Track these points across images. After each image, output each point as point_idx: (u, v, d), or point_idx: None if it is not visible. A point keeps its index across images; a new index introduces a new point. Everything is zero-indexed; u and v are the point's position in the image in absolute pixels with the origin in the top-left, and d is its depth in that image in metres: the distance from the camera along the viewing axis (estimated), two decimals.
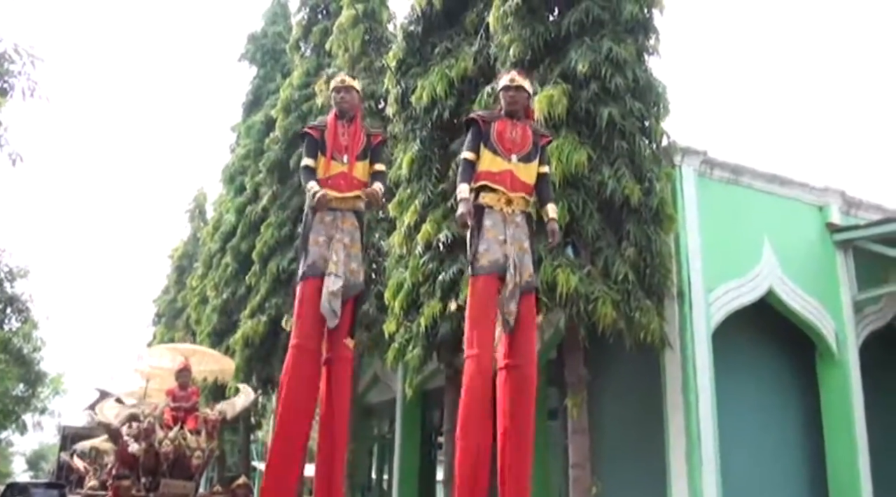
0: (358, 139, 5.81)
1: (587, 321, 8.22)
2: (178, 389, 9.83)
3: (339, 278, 5.45)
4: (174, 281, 32.03)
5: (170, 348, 12.30)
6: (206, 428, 9.30)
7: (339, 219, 5.65)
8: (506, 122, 5.37)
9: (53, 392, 34.97)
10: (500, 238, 5.12)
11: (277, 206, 17.69)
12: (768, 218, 11.21)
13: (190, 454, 9.03)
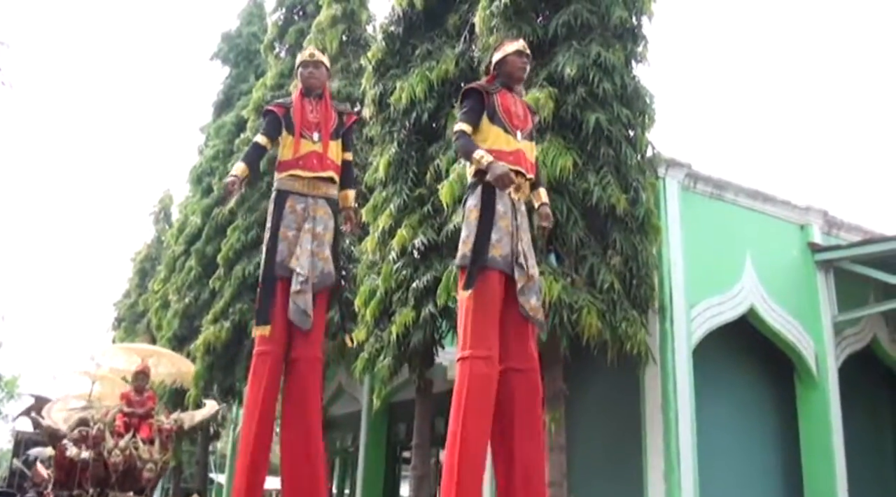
0: (329, 117, 5.39)
1: (571, 331, 7.87)
2: (134, 393, 9.29)
3: (302, 275, 5.01)
4: (136, 284, 31.27)
5: (126, 348, 11.68)
6: (160, 438, 8.78)
7: (311, 207, 5.22)
8: (506, 94, 4.85)
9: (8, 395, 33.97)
10: (510, 229, 4.62)
11: (245, 210, 17.19)
12: (750, 235, 11.00)
13: (141, 466, 8.50)
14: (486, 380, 4.36)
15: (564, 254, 8.12)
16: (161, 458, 8.74)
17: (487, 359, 4.37)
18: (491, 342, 4.41)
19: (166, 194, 32.39)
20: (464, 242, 4.60)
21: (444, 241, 10.22)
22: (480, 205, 4.58)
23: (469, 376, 4.36)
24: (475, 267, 4.47)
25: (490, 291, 4.46)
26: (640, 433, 9.56)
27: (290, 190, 5.21)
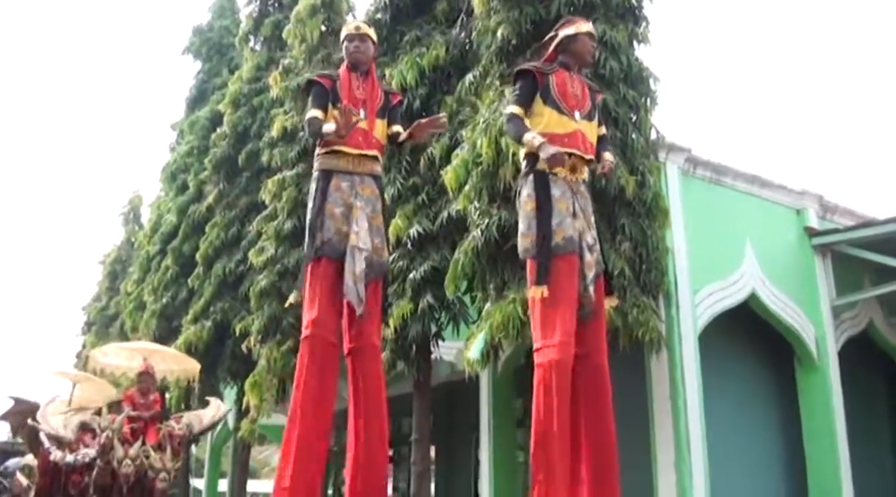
0: (376, 95, 5.08)
1: None
2: (139, 396, 8.83)
3: (363, 254, 4.74)
4: (106, 287, 30.54)
5: (126, 347, 11.13)
6: (171, 444, 8.34)
7: (358, 185, 4.91)
8: (563, 74, 4.64)
9: None
10: (571, 211, 4.42)
11: (224, 206, 16.80)
12: (749, 220, 10.87)
13: (154, 475, 8.05)
14: (560, 367, 4.21)
15: None
16: (173, 467, 8.31)
17: (561, 346, 4.22)
18: (566, 328, 4.24)
19: (136, 195, 31.67)
20: (524, 235, 4.46)
21: (439, 231, 9.96)
22: (535, 193, 4.40)
23: (545, 366, 4.22)
24: (542, 258, 4.30)
25: (561, 279, 4.29)
26: (648, 422, 9.36)
27: (335, 168, 4.91)
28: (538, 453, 4.15)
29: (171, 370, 10.43)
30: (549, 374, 4.17)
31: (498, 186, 7.88)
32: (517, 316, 7.42)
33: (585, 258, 4.40)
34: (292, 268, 13.18)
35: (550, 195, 4.37)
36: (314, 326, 4.70)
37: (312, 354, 4.70)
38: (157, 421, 8.70)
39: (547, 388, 4.16)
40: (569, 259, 4.32)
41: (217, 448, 24.23)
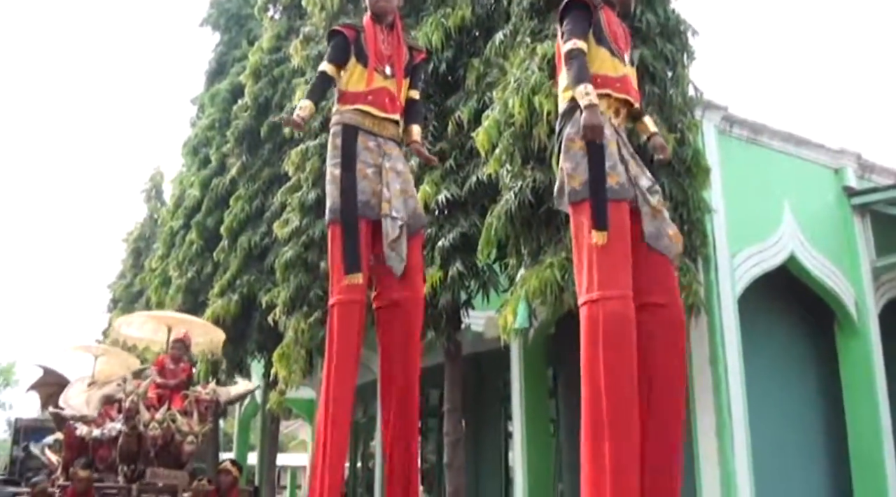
0: (402, 50, 4.85)
1: None
2: (170, 362, 8.73)
3: (398, 220, 4.58)
4: (130, 265, 30.66)
5: (152, 316, 10.92)
6: (198, 409, 8.24)
7: (384, 145, 4.75)
8: (610, 13, 4.31)
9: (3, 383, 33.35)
10: (620, 155, 4.11)
11: (247, 178, 16.65)
12: (786, 180, 10.55)
13: (181, 439, 7.96)
14: (625, 320, 3.87)
15: None
16: (201, 431, 8.24)
17: (622, 298, 3.89)
18: (624, 281, 3.92)
19: (157, 171, 31.67)
20: (571, 176, 4.09)
21: (468, 196, 9.71)
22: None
23: (604, 319, 3.87)
24: (599, 199, 3.95)
25: (617, 224, 3.96)
26: (688, 388, 9.13)
27: (360, 126, 4.71)
28: (596, 416, 3.84)
29: (196, 343, 10.23)
30: (612, 327, 3.84)
31: (531, 147, 7.62)
32: (555, 280, 7.19)
33: (650, 202, 4.13)
34: (317, 239, 13.02)
35: (603, 136, 4.05)
36: (350, 291, 4.53)
37: (350, 319, 4.54)
38: (182, 389, 8.62)
39: (609, 344, 3.83)
40: (623, 206, 4.03)
41: (245, 422, 24.32)
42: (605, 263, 3.91)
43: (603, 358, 3.84)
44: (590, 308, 3.94)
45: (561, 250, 7.39)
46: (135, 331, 10.32)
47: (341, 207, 4.59)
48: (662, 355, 4.04)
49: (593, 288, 3.92)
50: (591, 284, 3.94)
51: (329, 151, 4.78)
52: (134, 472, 8.02)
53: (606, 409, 3.78)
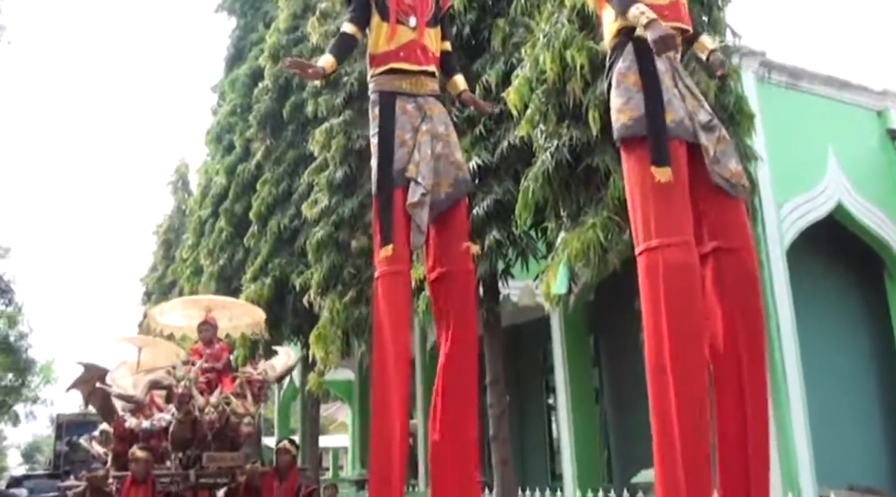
0: (426, 1, 4.60)
1: None
2: (204, 347, 8.57)
3: (421, 185, 4.34)
4: (161, 257, 30.72)
5: (189, 301, 10.59)
6: (250, 390, 8.08)
7: (424, 105, 4.52)
8: None
9: (44, 380, 33.71)
10: (677, 90, 3.81)
11: (272, 161, 16.43)
12: (829, 126, 10.20)
13: (238, 421, 7.81)
14: (688, 269, 3.57)
15: None
16: (256, 411, 8.12)
17: (683, 245, 3.59)
18: (684, 226, 3.62)
19: (182, 163, 31.64)
20: (621, 110, 3.79)
21: (500, 162, 9.42)
22: (637, 65, 3.77)
23: (664, 268, 3.57)
24: (658, 134, 3.64)
25: (676, 165, 3.65)
26: None
27: (396, 90, 4.50)
28: (659, 376, 3.55)
29: (235, 327, 10.00)
30: (673, 277, 3.55)
31: (566, 103, 7.32)
32: (598, 242, 6.91)
33: (709, 136, 3.82)
34: (347, 217, 12.83)
35: (656, 68, 3.77)
36: (391, 262, 4.35)
37: (392, 292, 4.35)
38: (228, 371, 8.46)
39: (672, 295, 3.54)
40: (680, 145, 3.73)
41: (285, 406, 24.34)
42: (663, 207, 3.62)
43: (665, 311, 3.55)
44: (648, 257, 3.65)
45: (603, 209, 7.11)
46: (172, 319, 10.02)
47: (378, 178, 4.46)
48: (735, 306, 3.74)
49: (651, 235, 3.63)
50: (649, 232, 3.65)
51: (370, 122, 4.62)
52: (189, 458, 7.91)
53: (671, 367, 3.50)
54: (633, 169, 3.78)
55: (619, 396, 11.93)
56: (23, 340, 27.00)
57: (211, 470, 7.80)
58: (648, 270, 3.65)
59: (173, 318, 9.99)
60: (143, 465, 7.65)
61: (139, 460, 7.66)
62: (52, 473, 26.01)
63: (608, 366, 12.24)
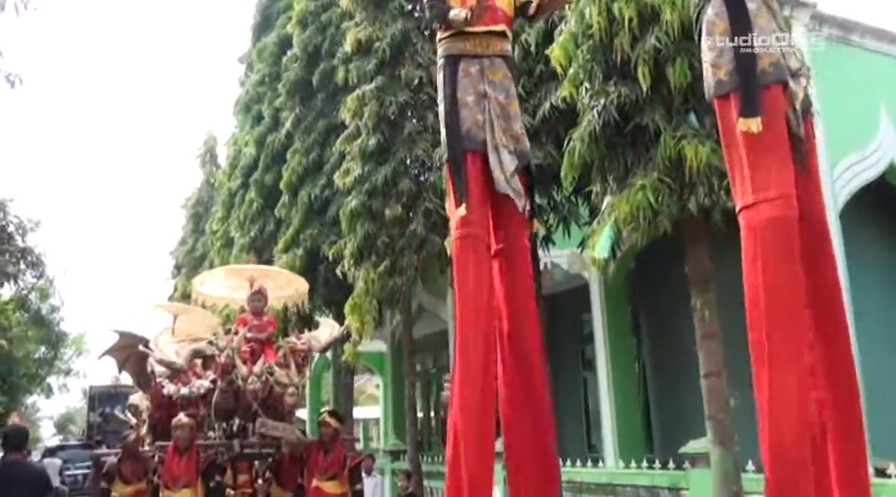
0: None
1: (724, 201, 6.82)
2: (252, 317, 8.42)
3: (506, 150, 4.32)
4: (190, 230, 30.78)
5: (232, 270, 10.29)
6: (294, 360, 7.94)
7: (487, 69, 4.40)
8: None
9: (76, 353, 34.08)
10: (775, 25, 3.59)
11: (302, 131, 16.23)
12: (881, 81, 9.78)
13: (282, 391, 7.66)
14: (786, 225, 3.35)
15: (704, 112, 7.00)
16: (300, 382, 7.98)
17: (781, 199, 3.36)
18: (784, 178, 3.38)
19: (210, 136, 31.57)
20: (715, 65, 3.59)
21: (541, 125, 9.14)
22: (727, 9, 3.55)
23: (761, 226, 3.36)
24: (749, 85, 3.42)
25: (773, 113, 3.42)
26: None
27: (461, 53, 4.43)
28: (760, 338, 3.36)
29: (278, 298, 9.78)
30: (772, 236, 3.34)
31: (613, 60, 7.01)
32: (648, 204, 6.64)
33: (791, 86, 3.57)
34: (381, 186, 12.62)
35: (747, 9, 3.52)
36: (467, 225, 4.26)
37: (470, 254, 4.26)
38: (272, 342, 8.32)
39: (769, 255, 3.34)
40: (777, 90, 3.48)
41: (316, 378, 24.32)
42: (760, 161, 3.40)
43: (762, 273, 3.34)
44: (746, 216, 3.46)
45: (653, 170, 6.82)
46: (214, 289, 9.84)
47: (447, 143, 4.41)
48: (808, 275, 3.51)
49: (748, 192, 3.44)
50: (746, 188, 3.45)
51: (439, 88, 4.58)
52: (233, 427, 7.78)
53: (767, 331, 3.32)
54: (728, 125, 3.55)
55: (660, 366, 11.68)
56: (55, 313, 27.26)
57: (256, 440, 7.68)
58: (747, 231, 3.46)
59: (214, 287, 9.79)
60: (187, 432, 7.51)
61: (184, 427, 7.52)
62: (85, 443, 26.38)
63: (649, 334, 11.99)
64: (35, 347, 27.68)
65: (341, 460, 7.64)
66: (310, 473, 7.65)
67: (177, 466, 7.44)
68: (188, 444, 7.52)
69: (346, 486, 7.61)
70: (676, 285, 11.09)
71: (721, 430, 7.10)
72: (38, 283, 19.74)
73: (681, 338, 11.07)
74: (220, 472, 8.16)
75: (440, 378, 20.18)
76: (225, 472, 8.83)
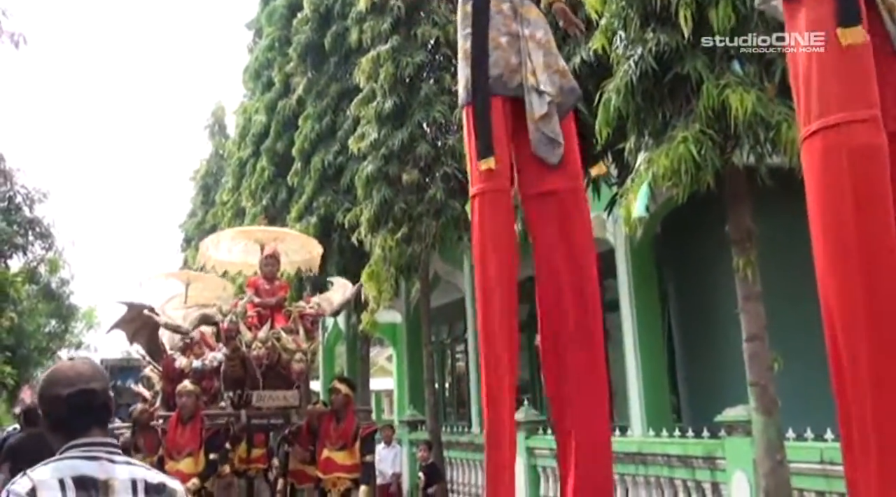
0: None
1: (770, 153, 6.43)
2: (264, 282, 8.07)
3: (545, 94, 3.94)
4: (200, 202, 30.54)
5: (242, 231, 9.86)
6: (303, 325, 7.59)
7: (519, 7, 4.10)
8: None
9: (87, 326, 34.01)
10: None
11: (314, 96, 15.84)
12: None
13: (289, 357, 7.31)
14: (873, 151, 2.83)
15: (748, 59, 6.58)
16: (310, 348, 7.61)
17: (872, 121, 2.84)
18: (871, 97, 2.87)
19: (218, 106, 31.27)
20: None
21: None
22: None
23: (849, 152, 2.83)
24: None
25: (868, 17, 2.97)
26: None
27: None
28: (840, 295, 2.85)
29: (291, 262, 9.35)
30: (862, 166, 2.83)
31: (651, 5, 6.59)
32: (690, 157, 6.24)
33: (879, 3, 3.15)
34: (398, 150, 12.26)
35: None
36: (490, 179, 3.94)
37: (493, 213, 3.96)
38: (282, 307, 7.96)
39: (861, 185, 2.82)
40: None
41: (330, 348, 24.09)
42: (848, 75, 2.89)
43: (853, 207, 2.81)
44: (824, 138, 2.89)
45: (694, 122, 6.42)
46: (224, 254, 9.40)
47: (472, 84, 4.03)
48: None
49: (829, 109, 2.88)
50: (827, 105, 2.90)
51: (459, 22, 4.21)
52: (241, 397, 7.45)
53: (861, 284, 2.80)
54: (804, 32, 3.09)
55: (689, 333, 11.31)
56: (65, 287, 27.06)
57: (263, 410, 7.36)
58: (826, 154, 2.90)
59: (224, 252, 9.37)
60: (192, 400, 7.20)
61: (189, 394, 7.21)
62: None
63: (677, 300, 11.61)
64: (45, 321, 27.55)
65: (353, 430, 7.32)
66: (321, 443, 7.38)
67: (180, 436, 7.16)
68: (192, 413, 7.22)
69: (357, 456, 7.30)
70: (706, 248, 10.71)
71: (764, 396, 6.76)
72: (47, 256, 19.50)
73: (711, 303, 10.72)
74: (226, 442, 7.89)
75: (454, 348, 19.92)
76: (238, 445, 8.55)
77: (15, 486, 2.03)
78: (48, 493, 2.02)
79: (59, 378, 2.21)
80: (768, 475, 6.67)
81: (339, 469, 7.18)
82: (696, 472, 8.25)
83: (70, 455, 2.14)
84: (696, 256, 10.93)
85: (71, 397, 2.16)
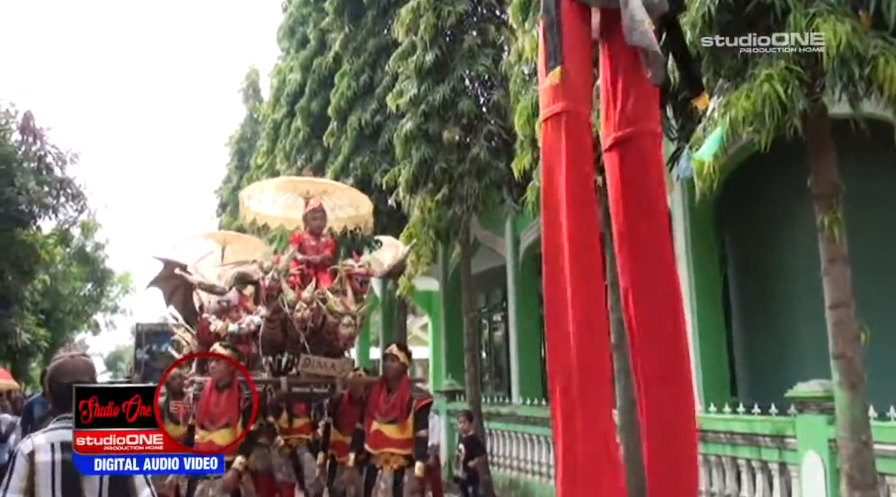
0: None
1: (864, 92, 5.67)
2: (309, 237, 7.39)
3: None
4: (235, 167, 30.25)
5: (286, 182, 8.91)
6: (351, 285, 6.94)
7: None
8: None
9: (123, 290, 33.98)
10: None
11: (351, 52, 15.23)
12: None
13: (336, 321, 6.63)
14: None
15: None
16: (358, 310, 6.92)
17: None
18: None
19: (252, 69, 30.86)
20: None
21: None
22: None
23: None
24: None
25: None
26: None
27: None
28: None
29: (338, 219, 8.53)
30: None
31: None
32: (776, 98, 5.52)
33: None
34: (438, 106, 11.61)
35: None
36: (560, 97, 3.37)
37: (564, 140, 3.37)
38: (325, 266, 7.28)
39: None
40: None
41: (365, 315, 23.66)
42: None
43: None
44: None
45: (779, 59, 5.68)
46: (266, 207, 8.53)
47: None
48: None
49: None
50: None
51: None
52: (281, 363, 6.83)
53: None
54: None
55: (749, 301, 10.59)
56: (99, 251, 26.88)
57: (305, 378, 6.73)
58: None
59: (265, 205, 8.57)
60: (224, 366, 6.57)
61: (221, 359, 6.60)
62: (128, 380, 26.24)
63: (736, 266, 10.88)
64: (81, 285, 27.45)
65: (406, 402, 6.62)
66: (370, 415, 6.64)
67: (214, 404, 6.50)
68: (229, 380, 6.59)
69: (410, 430, 6.63)
70: (771, 210, 9.98)
71: (850, 370, 6.03)
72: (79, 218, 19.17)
73: (774, 269, 10.01)
74: (269, 413, 7.33)
75: (492, 317, 19.36)
76: (280, 414, 8.01)
77: (21, 446, 3.06)
78: (43, 454, 3.03)
79: (65, 370, 3.21)
80: (852, 457, 5.98)
81: (390, 444, 6.48)
82: (762, 452, 7.60)
83: (58, 426, 3.12)
84: (759, 219, 10.18)
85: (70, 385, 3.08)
